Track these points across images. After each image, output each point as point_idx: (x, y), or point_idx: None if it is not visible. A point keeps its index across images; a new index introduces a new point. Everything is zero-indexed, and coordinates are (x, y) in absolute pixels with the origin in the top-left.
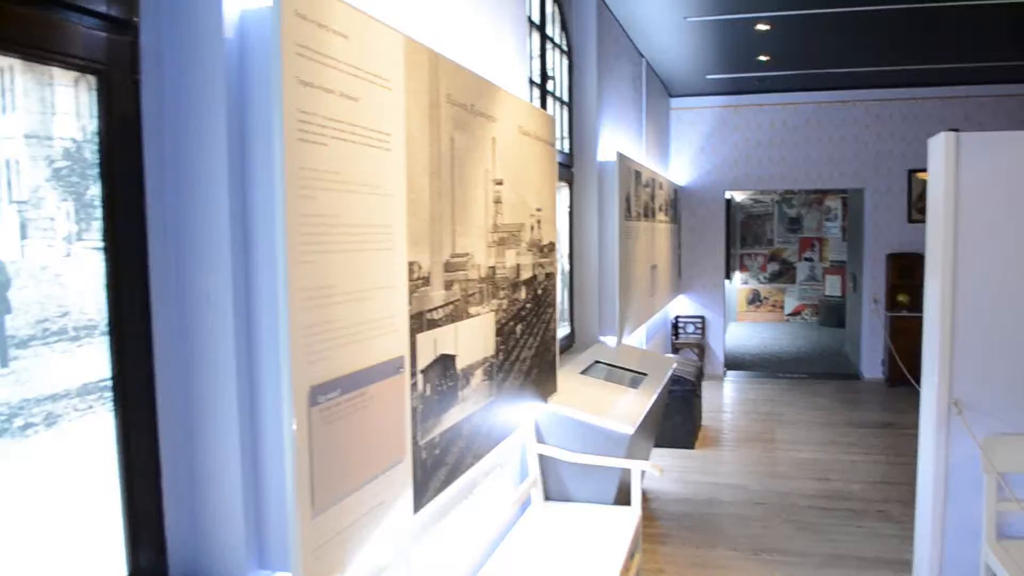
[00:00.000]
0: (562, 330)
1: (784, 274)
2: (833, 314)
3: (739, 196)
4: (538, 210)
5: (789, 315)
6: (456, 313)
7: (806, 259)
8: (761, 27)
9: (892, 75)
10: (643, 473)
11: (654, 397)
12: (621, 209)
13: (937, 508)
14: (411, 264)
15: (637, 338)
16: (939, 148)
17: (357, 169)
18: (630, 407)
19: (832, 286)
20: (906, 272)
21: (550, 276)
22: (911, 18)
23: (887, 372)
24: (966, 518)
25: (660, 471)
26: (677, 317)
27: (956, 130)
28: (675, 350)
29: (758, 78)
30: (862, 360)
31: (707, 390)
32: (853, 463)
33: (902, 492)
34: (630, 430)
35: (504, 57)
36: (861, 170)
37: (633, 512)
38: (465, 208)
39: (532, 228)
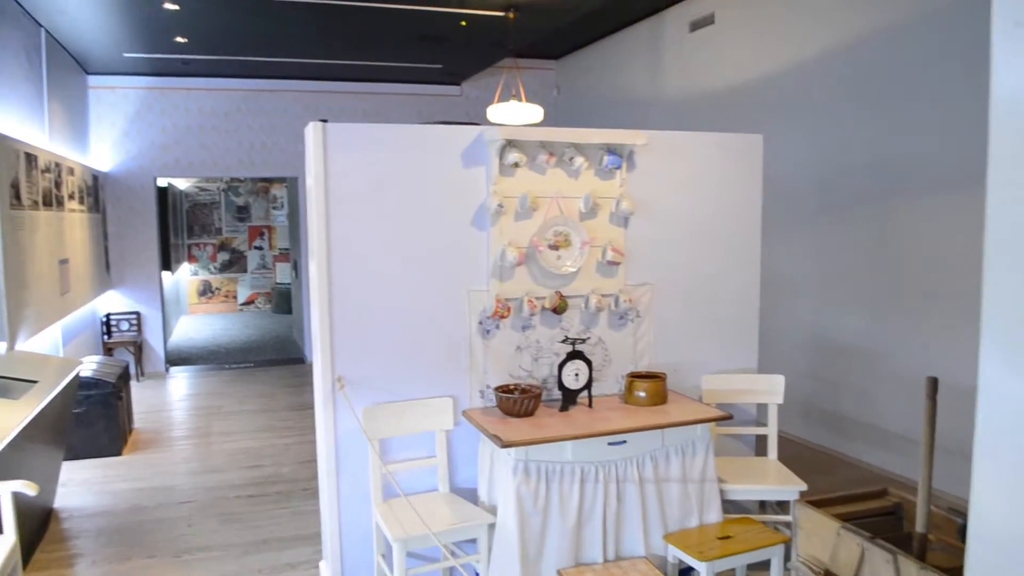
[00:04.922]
0: None
1: (235, 263)
2: (284, 301)
3: (183, 184)
4: None
5: (243, 304)
6: None
7: (256, 248)
8: (169, 6)
9: (317, 68)
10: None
11: (39, 407)
12: (6, 197)
13: (332, 478)
14: None
15: (47, 342)
16: (311, 137)
17: None
18: (2, 422)
19: (282, 273)
20: None
21: None
22: (319, 14)
23: None
24: (358, 484)
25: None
26: (108, 315)
27: (325, 120)
28: (108, 350)
29: (182, 60)
30: (307, 344)
31: (146, 389)
32: (287, 446)
33: None
34: None
35: None
36: (295, 158)
37: (5, 540)
38: None
39: None
